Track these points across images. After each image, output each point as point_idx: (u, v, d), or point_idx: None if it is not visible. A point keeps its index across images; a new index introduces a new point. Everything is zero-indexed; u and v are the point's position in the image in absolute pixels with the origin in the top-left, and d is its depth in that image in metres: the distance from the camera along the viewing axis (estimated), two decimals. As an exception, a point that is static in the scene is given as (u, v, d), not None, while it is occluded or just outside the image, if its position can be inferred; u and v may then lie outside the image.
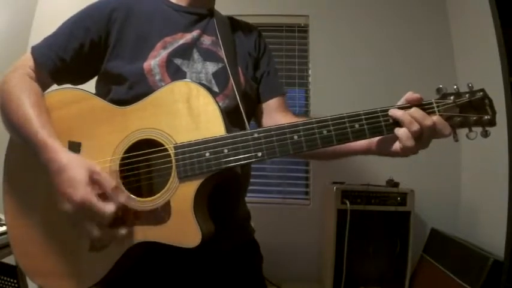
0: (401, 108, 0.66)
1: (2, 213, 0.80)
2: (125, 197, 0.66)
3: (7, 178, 0.79)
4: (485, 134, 0.64)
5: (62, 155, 0.66)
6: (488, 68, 1.45)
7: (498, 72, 1.33)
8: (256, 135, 0.67)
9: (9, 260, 1.19)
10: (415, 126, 0.63)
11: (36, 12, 2.22)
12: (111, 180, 0.65)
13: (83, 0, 0.86)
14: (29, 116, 0.70)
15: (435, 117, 0.64)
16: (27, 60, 0.80)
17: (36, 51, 0.81)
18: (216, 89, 0.82)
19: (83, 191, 0.62)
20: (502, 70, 1.32)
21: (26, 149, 0.75)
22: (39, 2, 2.24)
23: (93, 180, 0.64)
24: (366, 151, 0.75)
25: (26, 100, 0.72)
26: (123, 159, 0.71)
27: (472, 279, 1.43)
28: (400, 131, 0.64)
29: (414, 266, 1.80)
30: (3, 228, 0.98)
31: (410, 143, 0.63)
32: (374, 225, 1.73)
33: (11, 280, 1.43)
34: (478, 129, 0.65)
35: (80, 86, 0.83)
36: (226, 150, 0.67)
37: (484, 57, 1.64)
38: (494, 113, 0.64)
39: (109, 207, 0.62)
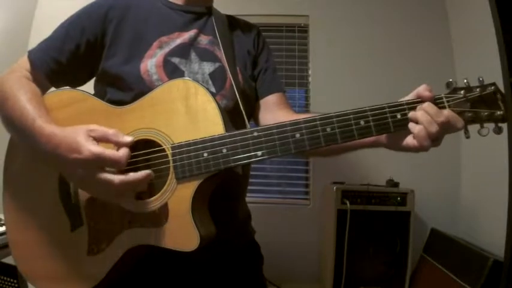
0: (411, 103, 0.63)
1: (2, 213, 0.79)
2: (130, 138, 0.64)
3: (6, 182, 0.79)
4: (498, 131, 0.61)
5: (57, 131, 0.65)
6: (488, 68, 1.45)
7: (498, 72, 1.32)
8: (256, 133, 0.65)
9: (9, 260, 1.19)
10: (434, 128, 0.60)
11: (36, 12, 2.21)
12: (108, 129, 0.64)
13: (83, 1, 0.86)
14: (25, 109, 0.69)
15: (446, 111, 0.61)
16: (24, 64, 0.80)
17: (33, 55, 0.80)
18: (213, 89, 0.81)
19: (88, 147, 0.61)
20: (502, 70, 1.32)
21: (25, 150, 0.74)
22: (39, 2, 2.23)
23: (93, 138, 0.63)
24: (375, 143, 0.72)
25: (22, 97, 0.71)
26: None
27: (472, 279, 1.42)
28: (417, 129, 0.61)
29: (414, 266, 1.80)
30: (3, 228, 0.98)
31: (427, 143, 0.61)
32: (374, 225, 1.72)
33: (11, 280, 1.43)
34: (490, 126, 0.61)
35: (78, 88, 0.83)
36: (224, 150, 0.65)
37: (484, 57, 1.64)
38: (507, 108, 0.60)
39: (120, 151, 0.62)
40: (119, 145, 0.63)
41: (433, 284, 1.67)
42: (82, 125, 0.65)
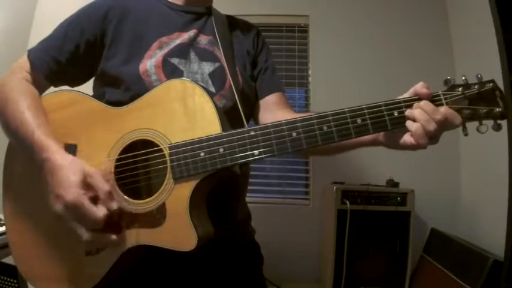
0: (408, 101, 0.63)
1: (1, 213, 0.79)
2: (118, 202, 0.65)
3: (6, 183, 0.79)
4: (497, 128, 0.61)
5: (58, 155, 0.66)
6: (488, 68, 1.45)
7: (498, 72, 1.32)
8: (252, 133, 0.65)
9: (9, 260, 1.19)
10: (432, 126, 0.60)
11: (36, 12, 2.21)
12: (105, 184, 0.64)
13: (83, 1, 0.86)
14: (26, 118, 0.70)
15: (443, 108, 0.61)
16: (23, 64, 0.80)
17: (32, 54, 0.81)
18: (212, 89, 0.81)
19: (74, 193, 0.61)
20: (502, 70, 1.32)
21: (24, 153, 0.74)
22: (39, 2, 2.23)
23: (87, 184, 0.63)
24: (373, 142, 0.72)
25: (22, 102, 0.72)
26: (118, 160, 0.71)
27: (472, 279, 1.42)
28: (414, 127, 0.61)
29: (414, 266, 1.79)
30: (3, 228, 0.98)
31: (424, 141, 0.61)
32: (374, 225, 1.72)
33: (11, 280, 1.43)
34: (489, 123, 0.61)
35: (78, 88, 0.83)
36: (221, 150, 0.65)
37: (484, 57, 1.64)
38: (506, 105, 0.60)
39: (100, 212, 0.62)
40: (104, 204, 0.63)
41: (433, 284, 1.67)
42: (82, 165, 0.65)
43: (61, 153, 0.67)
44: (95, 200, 0.63)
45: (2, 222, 1.08)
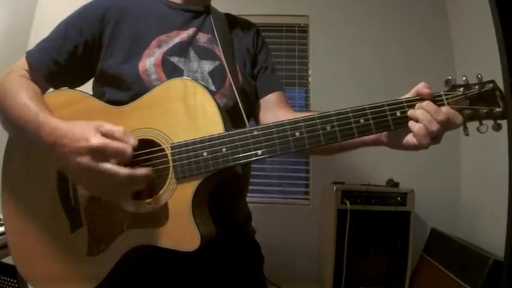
0: (410, 101, 0.63)
1: (2, 213, 0.79)
2: (134, 140, 0.65)
3: (5, 182, 0.79)
4: (497, 128, 0.61)
5: (64, 124, 0.66)
6: (488, 68, 1.45)
7: (498, 72, 1.32)
8: (255, 132, 0.65)
9: (9, 260, 1.19)
10: (434, 126, 0.60)
11: (36, 12, 2.21)
12: (117, 127, 0.65)
13: (83, 1, 0.86)
14: (27, 106, 0.69)
15: (445, 109, 0.61)
16: (22, 65, 0.80)
17: (31, 56, 0.80)
18: (212, 88, 0.81)
19: (97, 137, 0.62)
20: (502, 70, 1.32)
21: (24, 152, 0.74)
22: (39, 2, 2.23)
23: (101, 132, 0.64)
24: (375, 141, 0.72)
25: (23, 94, 0.72)
26: None
27: (472, 279, 1.42)
28: (417, 128, 0.61)
29: (414, 266, 1.79)
30: (3, 228, 0.98)
31: (427, 141, 0.61)
32: (374, 225, 1.72)
33: (11, 280, 1.43)
34: (489, 123, 0.62)
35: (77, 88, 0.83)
36: (224, 150, 0.65)
37: (484, 57, 1.64)
38: (506, 105, 0.61)
39: (127, 145, 0.63)
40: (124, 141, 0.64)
41: (433, 284, 1.67)
42: (90, 121, 0.66)
43: (66, 122, 0.66)
44: None
45: (2, 222, 1.08)
